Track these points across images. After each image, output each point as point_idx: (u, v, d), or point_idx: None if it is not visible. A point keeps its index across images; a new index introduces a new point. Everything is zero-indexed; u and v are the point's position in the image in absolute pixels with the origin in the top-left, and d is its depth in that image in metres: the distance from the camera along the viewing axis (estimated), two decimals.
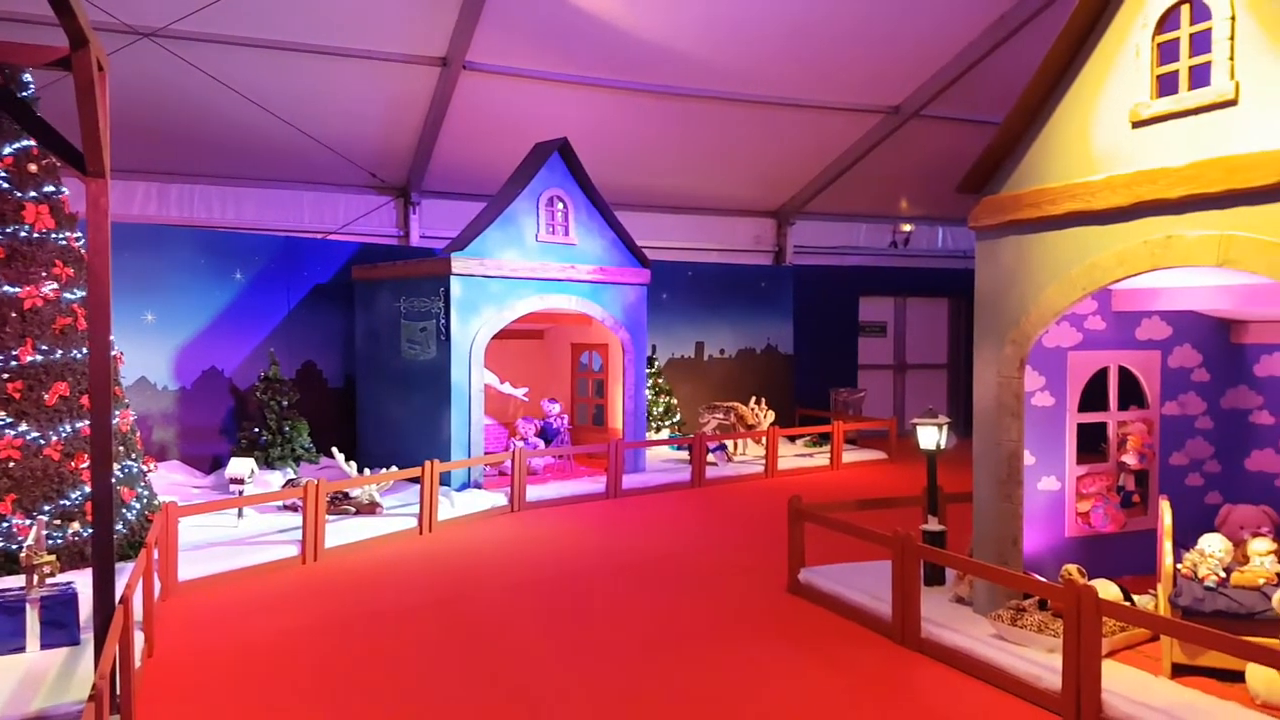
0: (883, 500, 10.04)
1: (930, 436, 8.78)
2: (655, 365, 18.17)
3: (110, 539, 6.00)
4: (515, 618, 8.27)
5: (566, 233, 14.45)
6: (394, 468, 12.36)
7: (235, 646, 7.48)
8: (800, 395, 20.60)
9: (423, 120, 15.86)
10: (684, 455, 16.45)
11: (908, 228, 22.58)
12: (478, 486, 13.36)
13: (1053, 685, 6.22)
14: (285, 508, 11.65)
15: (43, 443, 9.00)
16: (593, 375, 16.46)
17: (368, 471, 12.28)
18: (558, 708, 6.36)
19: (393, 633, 7.84)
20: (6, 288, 9.14)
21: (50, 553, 8.35)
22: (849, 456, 17.21)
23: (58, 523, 8.87)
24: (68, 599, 7.06)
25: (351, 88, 14.82)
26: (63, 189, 9.85)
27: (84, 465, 9.05)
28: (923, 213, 22.37)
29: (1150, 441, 8.30)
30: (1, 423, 8.86)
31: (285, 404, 14.27)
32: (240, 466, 11.53)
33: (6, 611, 6.88)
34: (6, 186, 9.30)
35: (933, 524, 8.71)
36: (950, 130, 18.16)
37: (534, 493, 13.30)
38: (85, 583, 6.76)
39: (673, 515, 12.87)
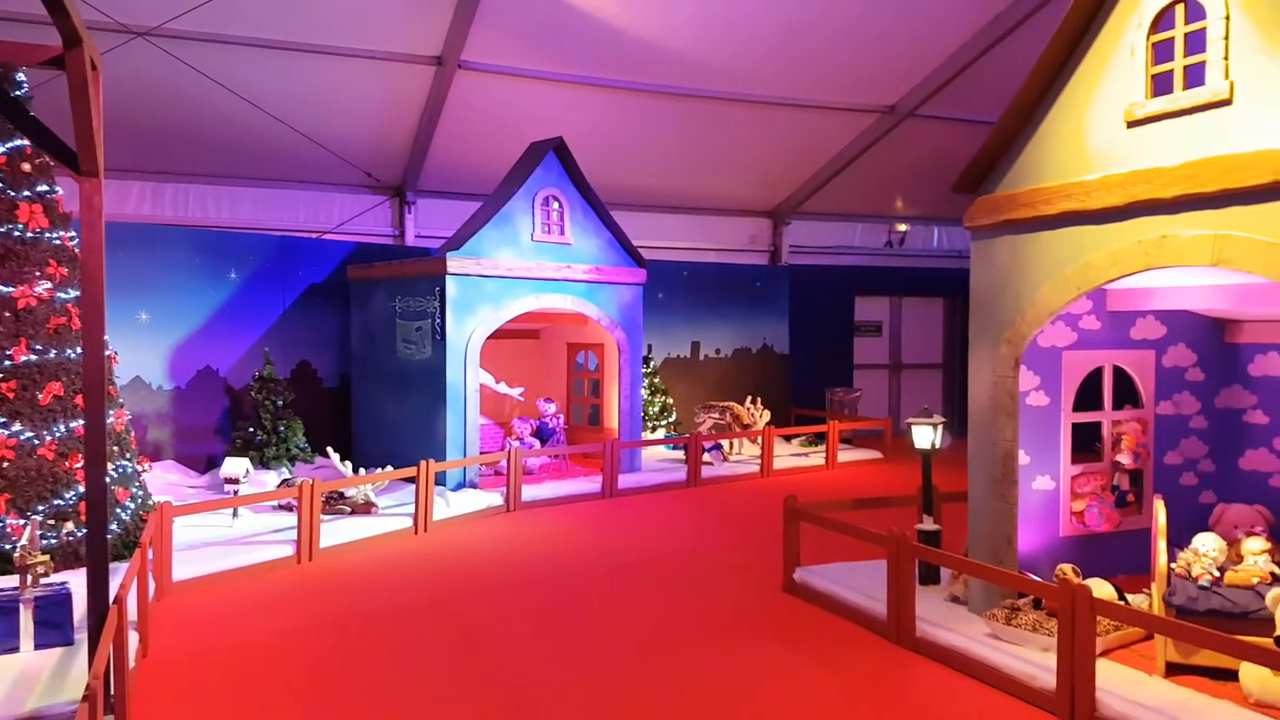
0: (878, 500, 10.06)
1: (925, 436, 8.79)
2: (651, 365, 18.17)
3: (104, 539, 5.98)
4: (511, 617, 8.27)
5: (562, 232, 14.44)
6: (389, 467, 12.35)
7: (230, 646, 7.46)
8: (796, 395, 20.61)
9: (418, 120, 15.85)
10: (680, 455, 16.45)
11: (903, 227, 22.61)
12: (473, 486, 13.35)
13: (1047, 684, 6.23)
14: (280, 507, 11.63)
15: (37, 442, 8.97)
16: (588, 375, 16.46)
17: (363, 471, 12.27)
18: (554, 708, 6.36)
19: (388, 633, 7.83)
20: (0, 287, 9.12)
21: (44, 553, 8.31)
22: (844, 456, 17.23)
23: (52, 523, 8.85)
24: (62, 599, 7.04)
25: (347, 87, 14.80)
26: (57, 188, 9.83)
27: (78, 465, 9.02)
28: (918, 212, 22.39)
29: (1145, 441, 8.32)
30: None
31: (280, 404, 14.25)
32: (235, 466, 11.51)
33: (0, 612, 6.86)
34: (0, 186, 9.27)
35: (928, 523, 8.72)
36: (945, 130, 18.18)
37: (529, 492, 13.29)
38: (79, 583, 6.75)
39: (668, 515, 12.87)
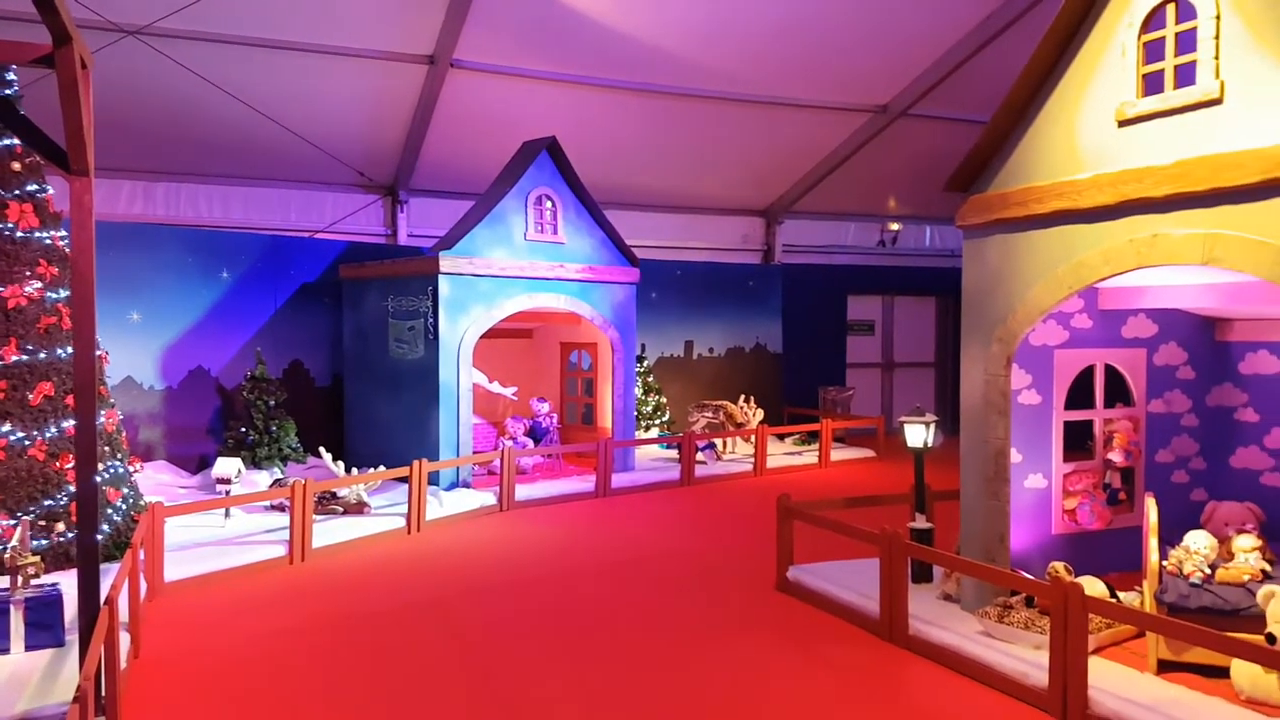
0: (871, 498, 10.08)
1: (918, 434, 8.80)
2: (644, 364, 18.17)
3: (95, 540, 5.96)
4: (504, 617, 8.26)
5: (555, 231, 14.43)
6: (382, 467, 12.32)
7: (222, 647, 7.44)
8: (789, 394, 20.63)
9: (410, 118, 15.81)
10: (673, 454, 16.44)
11: (895, 226, 22.65)
12: (466, 486, 13.33)
13: (1039, 682, 6.25)
14: (272, 508, 11.60)
15: (27, 443, 8.93)
16: (582, 374, 16.44)
17: (355, 471, 12.24)
18: (548, 707, 6.35)
19: (381, 633, 7.82)
20: None
21: (35, 554, 8.28)
22: (837, 455, 17.25)
23: (42, 523, 8.80)
24: (52, 600, 7.01)
25: (339, 86, 14.76)
26: (47, 187, 9.79)
27: (69, 466, 8.99)
28: (910, 212, 22.43)
29: (1136, 439, 8.34)
30: None
31: (272, 403, 14.21)
32: (227, 466, 11.47)
33: None
34: None
35: (920, 522, 8.73)
36: (938, 129, 18.22)
37: (523, 492, 13.28)
38: (70, 584, 6.72)
39: (662, 514, 12.87)
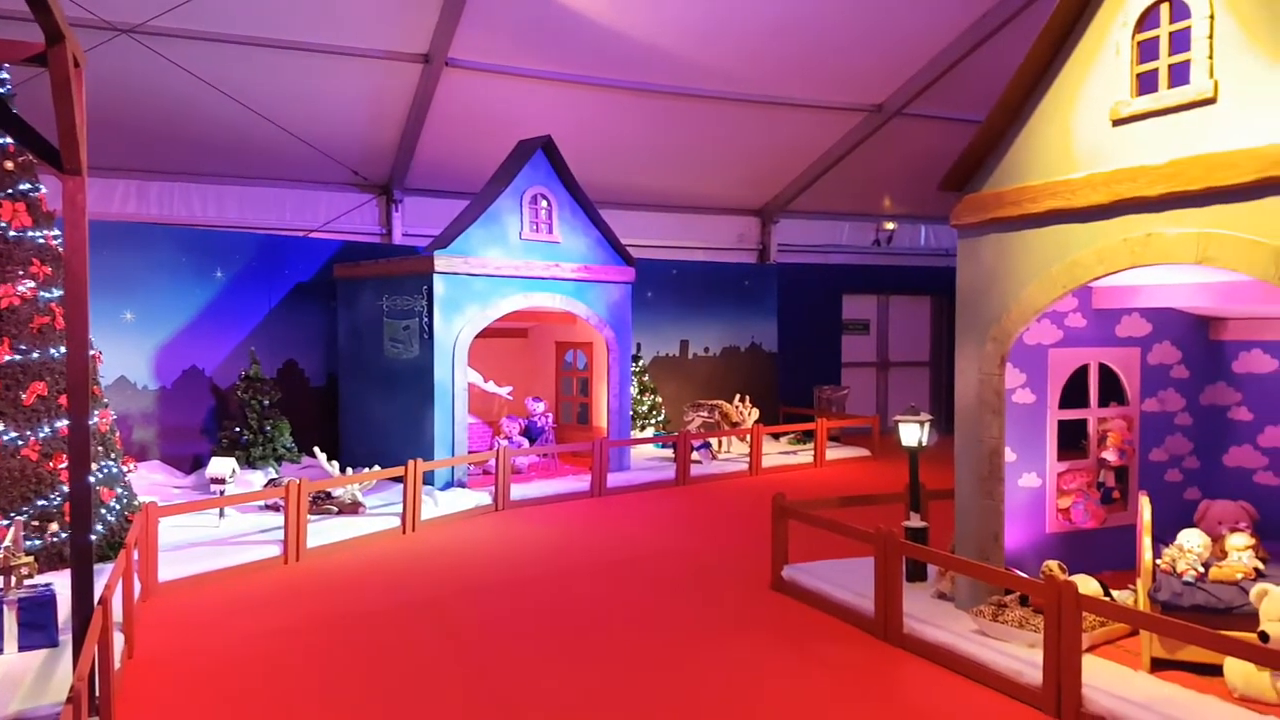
0: (865, 497, 10.09)
1: (912, 434, 8.81)
2: (640, 363, 18.17)
3: (88, 540, 5.94)
4: (499, 617, 8.25)
5: (550, 231, 14.42)
6: (377, 467, 12.30)
7: (216, 648, 7.42)
8: (784, 393, 20.65)
9: (405, 117, 15.79)
10: (669, 453, 16.45)
11: (890, 226, 22.67)
12: (461, 485, 13.32)
13: (1034, 680, 6.26)
14: (267, 507, 11.58)
15: (20, 443, 8.90)
16: (577, 374, 16.44)
17: (350, 471, 12.22)
18: (543, 707, 6.35)
19: (376, 633, 7.81)
20: None
21: (28, 554, 8.26)
22: (832, 454, 17.26)
23: (36, 524, 8.78)
24: (46, 600, 6.99)
25: (333, 85, 14.73)
26: (40, 186, 9.76)
27: (62, 465, 8.96)
28: (905, 211, 22.46)
29: (1130, 438, 8.37)
30: None
31: (267, 403, 14.18)
32: (221, 466, 11.45)
33: None
34: None
35: (915, 521, 8.74)
36: (933, 128, 18.24)
37: (518, 492, 13.27)
38: (64, 584, 6.69)
39: (657, 513, 12.87)
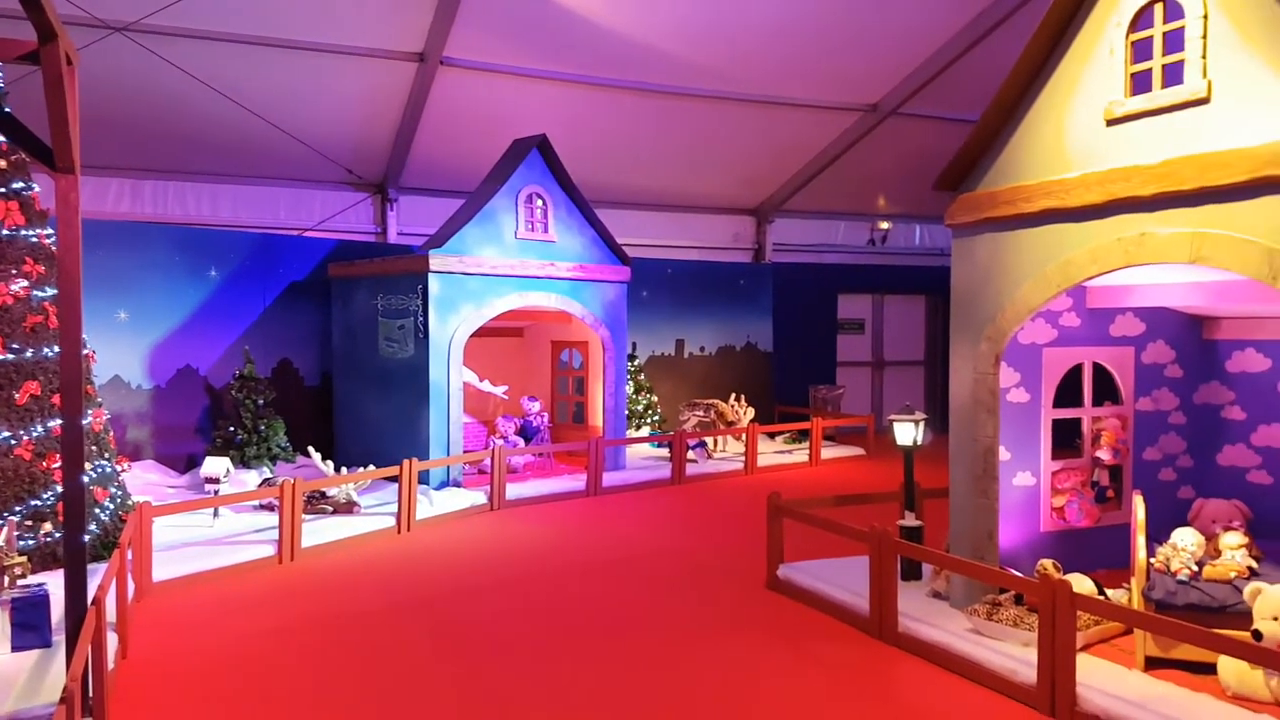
0: (860, 496, 10.10)
1: (907, 433, 8.82)
2: (635, 363, 18.17)
3: (82, 540, 5.92)
4: (494, 617, 8.25)
5: (546, 230, 14.41)
6: (371, 466, 12.28)
7: (210, 648, 7.41)
8: (779, 392, 20.66)
9: (400, 116, 15.78)
10: (664, 452, 16.45)
11: (885, 225, 22.70)
12: (457, 485, 13.30)
13: (1028, 679, 6.27)
14: (261, 507, 11.55)
15: (14, 442, 8.87)
16: (573, 373, 16.43)
17: (344, 470, 12.21)
18: (538, 707, 6.35)
19: (371, 633, 7.80)
20: None
21: (21, 554, 8.25)
22: (828, 453, 17.28)
23: (29, 523, 8.75)
24: (39, 601, 6.97)
25: (328, 83, 14.71)
26: (33, 185, 9.73)
27: (56, 465, 8.93)
28: (900, 210, 22.49)
29: (1124, 437, 8.38)
30: None
31: (261, 402, 14.16)
32: (215, 466, 11.42)
33: None
34: None
35: (910, 519, 8.75)
36: (927, 128, 18.26)
37: (514, 491, 13.26)
38: (57, 584, 6.68)
39: (653, 513, 12.87)
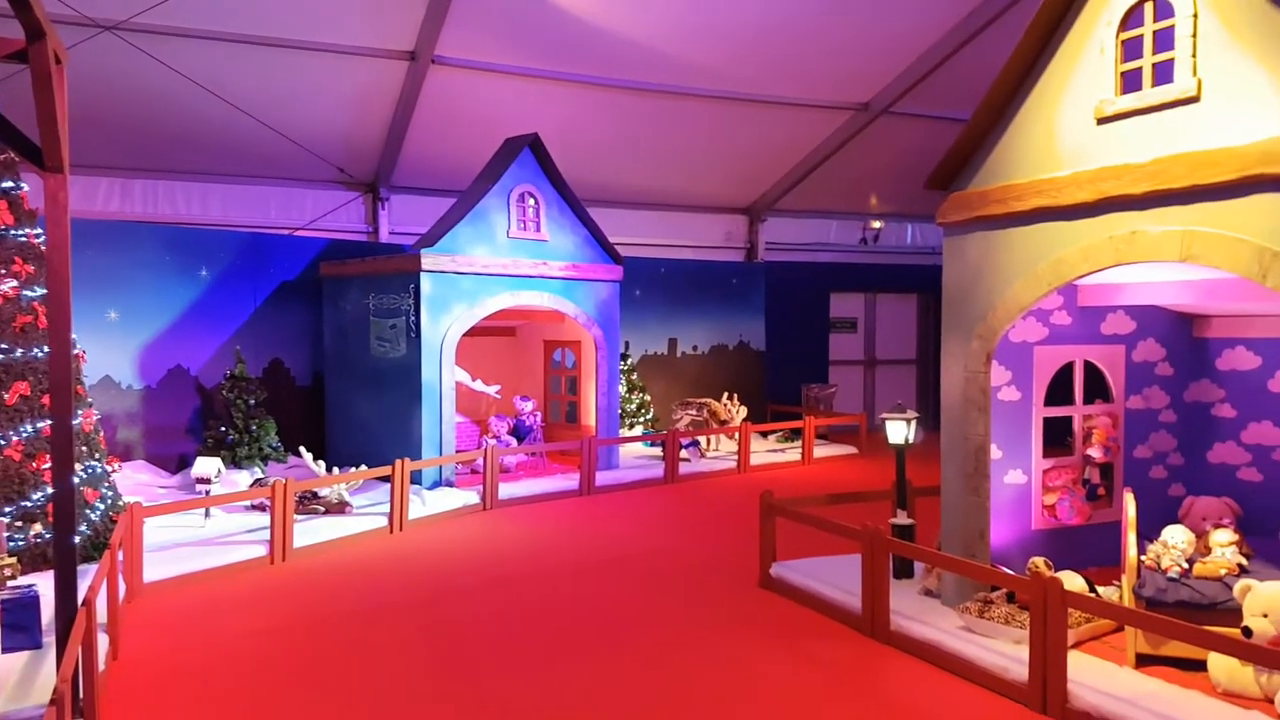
0: (853, 495, 10.12)
1: (899, 431, 8.84)
2: (628, 362, 18.15)
3: (71, 540, 5.90)
4: (487, 617, 8.24)
5: (538, 229, 14.39)
6: (363, 466, 12.26)
7: (202, 648, 7.38)
8: (772, 391, 20.68)
9: (391, 115, 15.73)
10: (657, 451, 16.45)
11: (877, 224, 22.73)
12: (449, 485, 13.28)
13: (1020, 676, 6.29)
14: (253, 507, 11.52)
15: (3, 443, 8.82)
16: (565, 372, 16.42)
17: (336, 470, 12.17)
18: (532, 706, 6.34)
19: (363, 633, 7.78)
20: None
21: (11, 555, 8.21)
22: (820, 451, 17.30)
23: (19, 524, 8.71)
24: (29, 602, 6.93)
25: (319, 82, 14.67)
26: (22, 184, 9.68)
27: (45, 466, 8.88)
28: (892, 209, 22.52)
29: (1115, 435, 8.41)
30: None
31: (252, 402, 14.10)
32: (207, 466, 11.39)
33: None
34: None
35: (902, 518, 8.77)
36: (919, 127, 18.29)
37: (506, 490, 13.25)
38: (48, 585, 6.64)
39: (646, 512, 12.87)
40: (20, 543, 8.63)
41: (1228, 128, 5.79)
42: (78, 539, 7.07)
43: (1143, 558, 6.72)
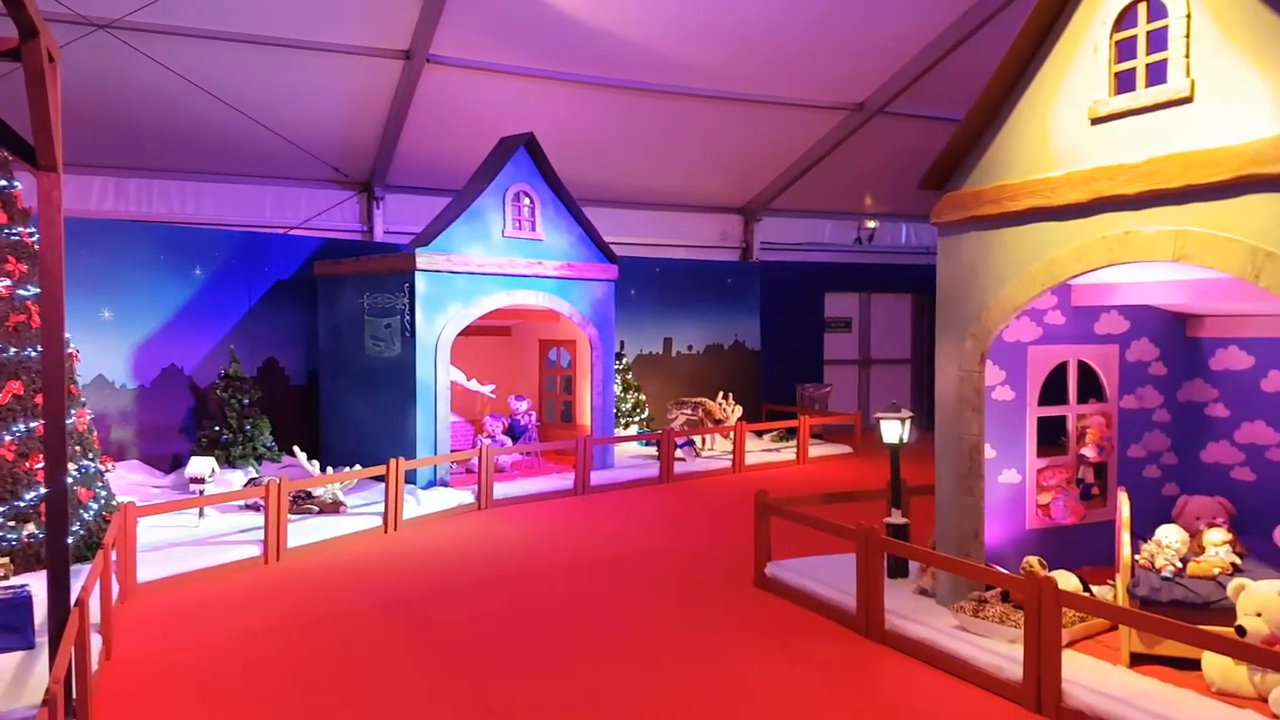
0: (847, 494, 10.13)
1: (893, 431, 8.85)
2: (623, 361, 18.16)
3: (64, 540, 5.88)
4: (483, 616, 8.23)
5: (533, 228, 14.38)
6: (358, 466, 12.24)
7: (196, 648, 7.37)
8: (767, 391, 20.69)
9: (386, 114, 15.71)
10: (652, 451, 16.45)
11: (872, 224, 22.75)
12: (444, 484, 13.27)
13: (1014, 675, 6.30)
14: (247, 507, 11.50)
15: None
16: (560, 372, 16.41)
17: (331, 470, 12.16)
18: (527, 705, 6.34)
19: (357, 633, 7.77)
20: None
21: (4, 555, 8.19)
22: (815, 451, 17.31)
23: (12, 524, 8.68)
24: (22, 602, 6.91)
25: (313, 81, 14.64)
26: (15, 183, 9.64)
27: (39, 465, 8.86)
28: (887, 209, 22.53)
29: (1109, 434, 8.43)
30: None
31: (246, 402, 14.08)
32: (201, 465, 11.37)
33: None
34: None
35: (896, 517, 8.78)
36: (913, 127, 18.31)
37: (501, 490, 13.24)
38: (40, 585, 6.63)
39: (641, 511, 12.87)
40: (13, 542, 8.61)
41: (1221, 128, 5.81)
42: (71, 539, 7.06)
43: (1137, 557, 6.74)
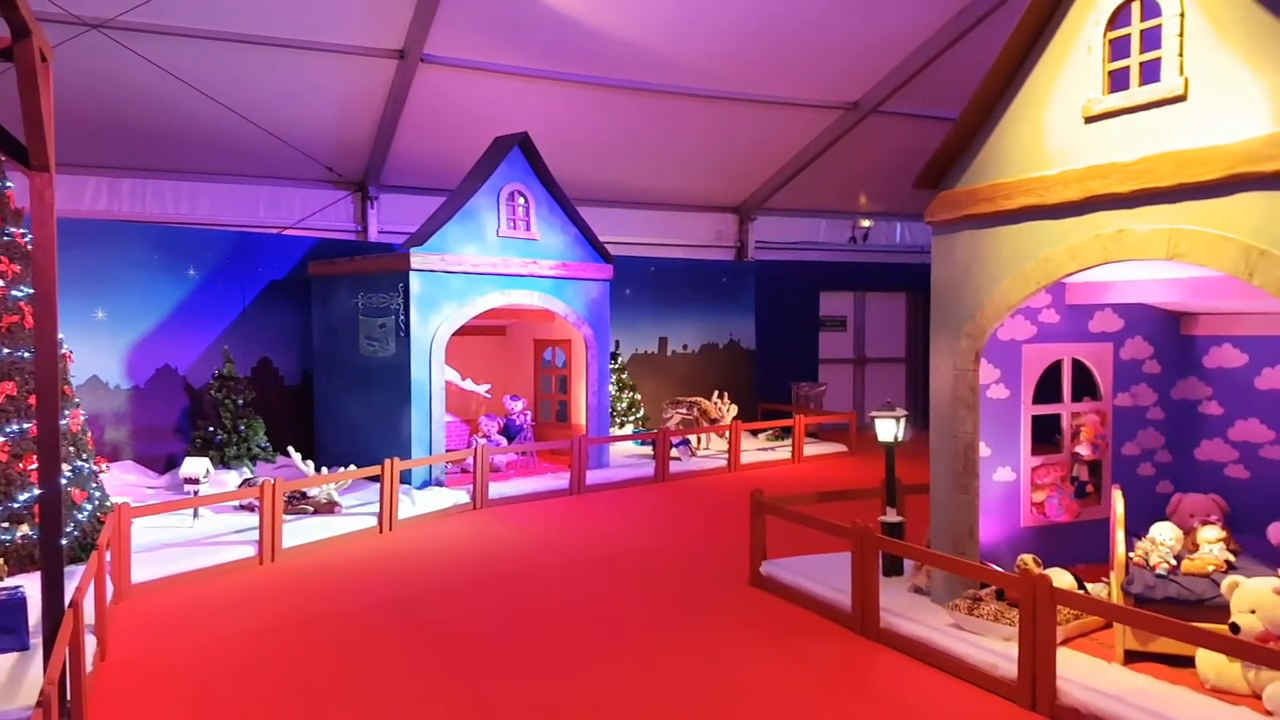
0: (842, 493, 10.13)
1: (888, 429, 8.85)
2: (618, 361, 18.16)
3: (59, 541, 5.86)
4: (478, 616, 8.22)
5: (528, 228, 14.37)
6: (352, 466, 12.22)
7: (190, 650, 7.35)
8: (762, 390, 20.71)
9: (380, 114, 15.69)
10: (648, 450, 16.45)
11: (867, 223, 22.77)
12: (439, 484, 13.26)
13: (1009, 673, 6.31)
14: (241, 508, 11.48)
15: None
16: (556, 371, 16.41)
17: (325, 470, 12.14)
18: (522, 705, 6.33)
19: (353, 634, 7.76)
20: None
21: None
22: (810, 450, 17.33)
23: (5, 525, 8.65)
24: (16, 603, 6.88)
25: (307, 81, 14.61)
26: (8, 183, 9.63)
27: (32, 466, 8.83)
28: (881, 208, 22.56)
29: (1103, 432, 8.44)
30: None
31: (241, 402, 14.05)
32: (195, 466, 11.34)
33: None
34: None
35: (891, 515, 8.79)
36: (908, 126, 18.33)
37: (496, 490, 13.23)
38: (34, 586, 6.61)
39: (636, 510, 12.87)
40: (7, 543, 8.58)
41: (1214, 126, 5.82)
42: (65, 540, 7.03)
43: (1131, 554, 6.75)
